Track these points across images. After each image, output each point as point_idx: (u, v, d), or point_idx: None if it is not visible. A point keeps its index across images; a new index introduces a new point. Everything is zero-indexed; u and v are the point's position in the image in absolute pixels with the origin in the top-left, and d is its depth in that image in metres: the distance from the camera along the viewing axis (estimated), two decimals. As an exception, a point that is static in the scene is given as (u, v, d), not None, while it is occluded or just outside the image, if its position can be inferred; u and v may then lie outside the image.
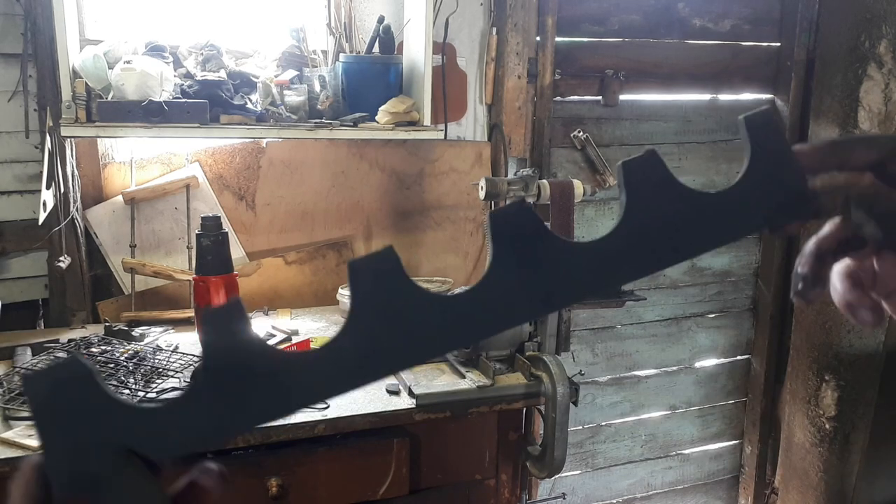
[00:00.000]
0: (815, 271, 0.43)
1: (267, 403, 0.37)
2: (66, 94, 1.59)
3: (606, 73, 2.31)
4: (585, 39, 2.31)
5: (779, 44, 2.52)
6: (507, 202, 1.87)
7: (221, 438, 0.37)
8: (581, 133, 2.29)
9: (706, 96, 2.50)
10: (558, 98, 2.28)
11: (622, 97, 2.34)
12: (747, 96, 2.56)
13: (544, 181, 1.83)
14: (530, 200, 1.86)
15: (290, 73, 1.86)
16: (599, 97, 2.33)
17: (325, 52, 1.96)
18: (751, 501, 2.82)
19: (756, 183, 0.40)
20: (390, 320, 0.37)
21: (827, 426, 2.37)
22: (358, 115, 1.82)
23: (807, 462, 2.47)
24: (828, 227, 0.43)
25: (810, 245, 0.43)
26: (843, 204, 0.41)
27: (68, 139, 1.72)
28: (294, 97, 1.79)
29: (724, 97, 2.52)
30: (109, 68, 1.65)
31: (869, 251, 0.43)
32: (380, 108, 1.84)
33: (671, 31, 2.40)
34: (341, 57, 1.91)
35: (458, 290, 0.39)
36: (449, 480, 1.62)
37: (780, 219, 0.41)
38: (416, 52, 1.87)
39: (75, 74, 1.63)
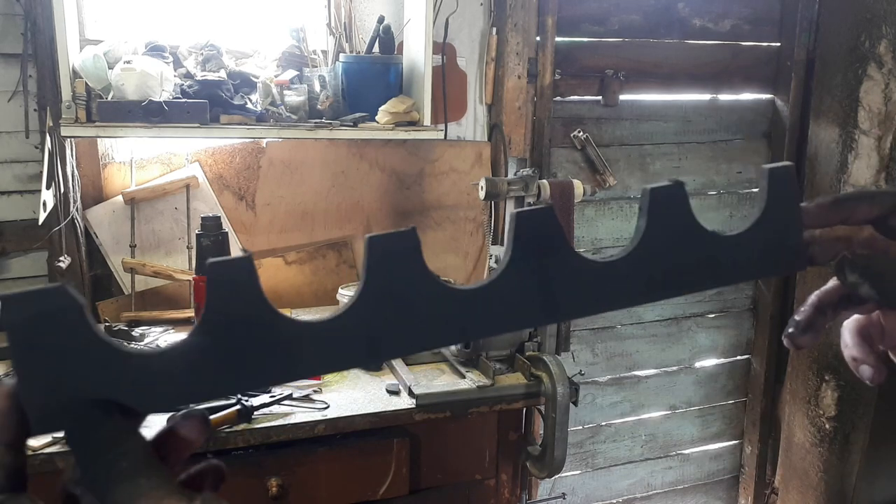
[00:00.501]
0: (811, 320, 0.45)
1: (264, 367, 0.35)
2: (66, 94, 1.59)
3: (606, 73, 2.31)
4: (585, 39, 2.31)
5: (779, 44, 2.52)
6: (508, 200, 1.88)
7: (210, 397, 0.35)
8: (581, 133, 2.29)
9: (706, 96, 2.50)
10: (558, 98, 2.28)
11: (622, 97, 2.34)
12: (747, 96, 2.55)
13: (544, 181, 1.83)
14: (530, 200, 1.86)
15: (290, 73, 1.86)
16: (599, 97, 2.33)
17: (325, 52, 1.96)
18: (751, 501, 2.82)
19: (762, 235, 0.42)
20: (399, 302, 0.37)
21: (827, 426, 2.37)
22: (358, 115, 1.82)
23: (807, 462, 2.47)
24: (831, 283, 0.46)
25: (812, 297, 0.46)
26: (838, 267, 0.43)
27: (68, 139, 1.72)
28: (294, 97, 1.79)
29: (724, 97, 2.52)
30: (109, 68, 1.65)
31: (871, 306, 0.45)
32: (380, 108, 1.84)
33: (671, 31, 2.40)
34: (341, 57, 1.91)
35: (469, 285, 0.39)
36: (449, 480, 1.62)
37: (773, 273, 0.44)
38: (416, 52, 1.87)
39: (75, 74, 1.62)
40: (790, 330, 0.46)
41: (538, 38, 2.19)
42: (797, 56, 2.46)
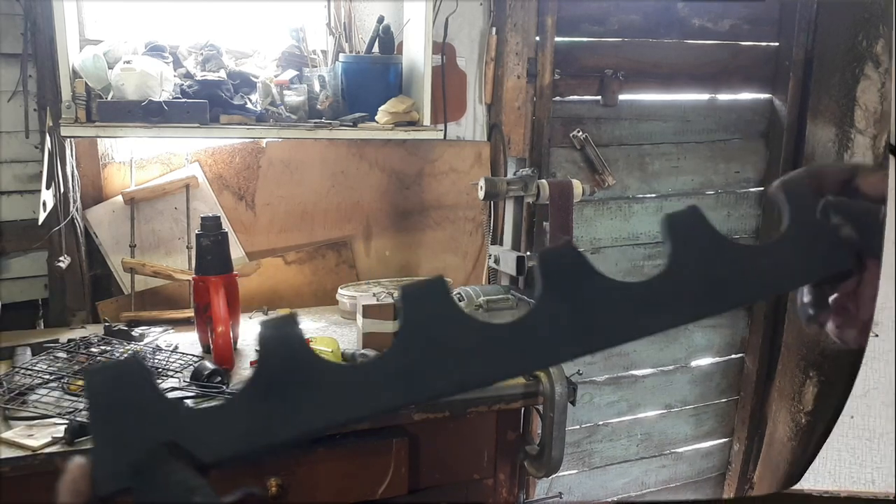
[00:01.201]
0: (817, 299, 0.47)
1: (313, 414, 0.37)
2: (66, 94, 1.59)
3: (606, 72, 2.31)
4: (585, 39, 2.31)
5: (777, 44, 2.53)
6: (507, 200, 1.88)
7: (266, 445, 0.37)
8: (580, 133, 2.29)
9: (705, 96, 2.50)
10: (558, 98, 2.28)
11: (621, 97, 2.35)
12: (746, 96, 2.56)
13: (543, 181, 1.84)
14: (529, 200, 1.87)
15: (290, 73, 1.86)
16: (599, 97, 2.33)
17: (324, 52, 1.96)
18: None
19: (796, 241, 0.42)
20: (437, 344, 0.38)
21: (803, 420, 2.38)
22: (358, 115, 1.82)
23: (781, 456, 2.48)
24: None
25: None
26: (822, 211, 0.44)
27: (68, 139, 1.72)
28: (294, 97, 1.80)
29: (723, 97, 2.53)
30: (109, 68, 1.65)
31: (855, 282, 0.46)
32: (379, 108, 1.84)
33: (670, 31, 2.40)
34: (341, 57, 1.91)
35: (505, 320, 0.40)
36: (447, 480, 1.63)
37: (822, 273, 0.43)
38: (416, 52, 1.87)
39: (75, 74, 1.62)
40: (811, 312, 0.47)
41: (538, 38, 2.19)
42: (795, 56, 2.46)
